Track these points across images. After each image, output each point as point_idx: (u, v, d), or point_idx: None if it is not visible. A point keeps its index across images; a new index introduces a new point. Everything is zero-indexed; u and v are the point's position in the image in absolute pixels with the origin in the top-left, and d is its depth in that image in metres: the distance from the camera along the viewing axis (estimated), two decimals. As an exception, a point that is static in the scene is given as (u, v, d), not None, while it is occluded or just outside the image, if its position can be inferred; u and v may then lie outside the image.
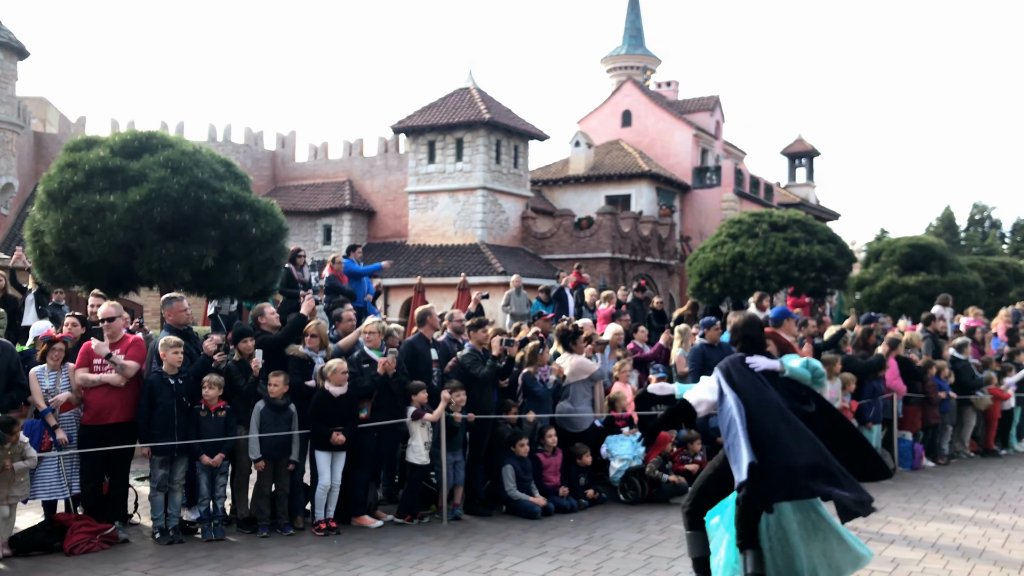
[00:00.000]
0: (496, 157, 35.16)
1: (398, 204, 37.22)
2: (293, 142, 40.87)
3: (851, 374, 12.73)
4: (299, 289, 13.85)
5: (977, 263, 29.04)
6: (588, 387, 11.14)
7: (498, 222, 35.42)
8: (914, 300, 22.87)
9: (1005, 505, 10.73)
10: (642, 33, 51.72)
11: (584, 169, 41.49)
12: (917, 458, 13.57)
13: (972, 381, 14.41)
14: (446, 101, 35.84)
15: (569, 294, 18.64)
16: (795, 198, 47.77)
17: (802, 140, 51.13)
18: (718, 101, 46.84)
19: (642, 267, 37.33)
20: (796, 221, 24.13)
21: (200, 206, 11.90)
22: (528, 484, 10.14)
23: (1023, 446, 15.62)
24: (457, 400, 9.78)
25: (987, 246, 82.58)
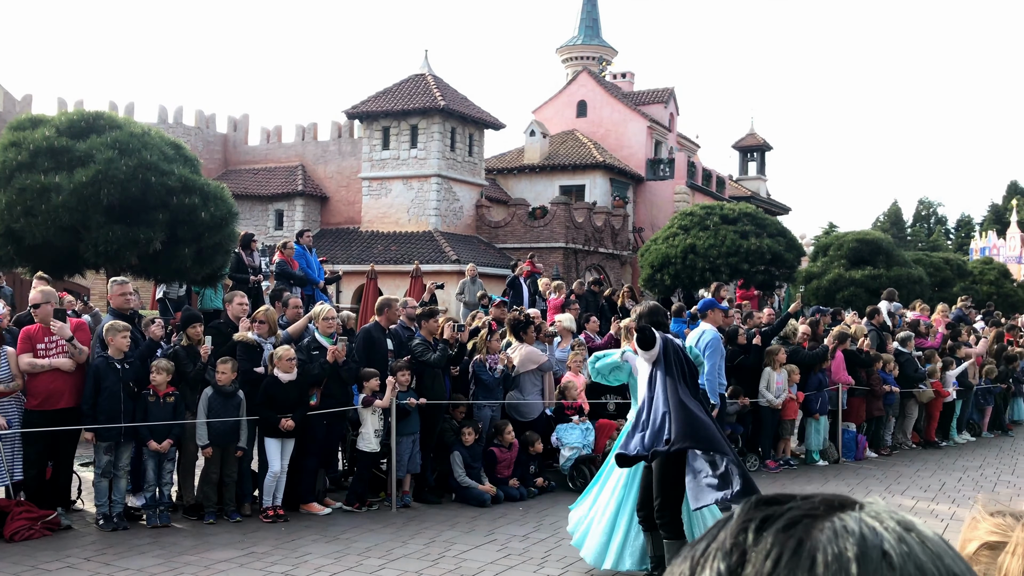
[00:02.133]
0: (451, 145, 35.02)
1: (351, 190, 36.93)
2: (245, 125, 40.35)
3: (795, 366, 12.93)
4: (249, 274, 13.71)
5: (922, 258, 29.56)
6: (538, 376, 11.19)
7: (452, 210, 35.31)
8: (860, 294, 23.23)
9: (944, 496, 10.97)
10: (598, 24, 51.76)
11: (539, 159, 41.50)
12: (860, 449, 13.82)
13: (915, 374, 14.68)
14: (401, 87, 35.59)
15: (523, 283, 18.66)
16: (747, 191, 48.24)
17: (754, 134, 51.60)
18: (672, 94, 47.09)
19: (595, 257, 37.46)
20: (747, 214, 24.38)
21: (148, 189, 11.73)
22: (477, 471, 10.16)
23: (963, 438, 15.97)
24: (402, 380, 9.75)
25: (932, 242, 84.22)
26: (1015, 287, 32.59)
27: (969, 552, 1.45)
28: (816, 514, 0.78)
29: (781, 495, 0.82)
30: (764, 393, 12.70)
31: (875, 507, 0.80)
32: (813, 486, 11.42)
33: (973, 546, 1.45)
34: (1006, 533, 1.43)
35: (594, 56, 50.26)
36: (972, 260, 39.56)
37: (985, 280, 31.23)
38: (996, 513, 1.48)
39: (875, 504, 0.81)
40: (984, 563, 1.43)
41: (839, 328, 14.40)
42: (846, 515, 0.78)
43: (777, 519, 0.78)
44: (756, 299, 22.68)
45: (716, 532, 0.80)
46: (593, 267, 37.25)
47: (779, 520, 0.78)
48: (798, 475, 12.36)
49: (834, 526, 0.76)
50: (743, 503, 0.82)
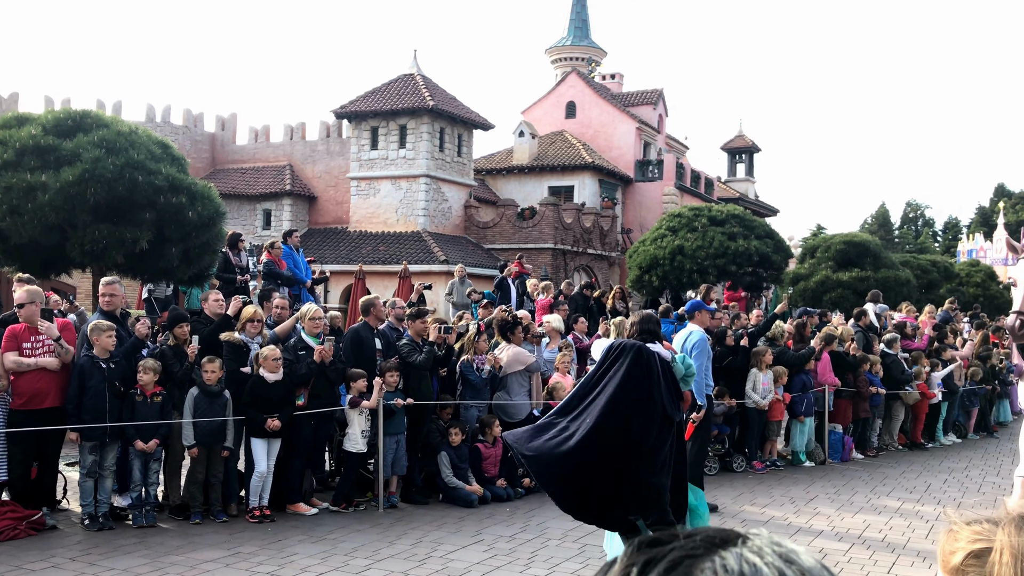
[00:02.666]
0: (440, 145, 34.99)
1: (340, 190, 36.87)
2: (234, 125, 40.23)
3: (782, 367, 12.97)
4: (236, 274, 13.68)
5: (909, 260, 29.68)
6: (525, 377, 11.20)
7: (441, 210, 35.28)
8: (847, 295, 23.31)
9: (930, 497, 11.01)
10: (588, 25, 51.80)
11: (528, 159, 41.50)
12: (847, 450, 13.87)
13: (901, 376, 14.74)
14: (390, 87, 35.53)
15: (511, 284, 18.66)
16: (735, 193, 48.35)
17: (743, 136, 51.73)
18: (661, 95, 47.16)
19: (584, 258, 37.49)
20: (735, 216, 24.44)
21: (135, 188, 11.68)
22: (464, 472, 10.15)
23: (949, 440, 16.04)
24: (391, 380, 9.75)
25: (920, 244, 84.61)
26: (1001, 289, 32.76)
27: (956, 563, 1.45)
28: (697, 554, 0.79)
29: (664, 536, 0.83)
30: (750, 394, 12.74)
31: (758, 541, 0.82)
32: (799, 487, 11.45)
33: (959, 557, 1.44)
34: (989, 539, 1.43)
35: (583, 57, 50.29)
36: (959, 262, 39.76)
37: (972, 282, 31.40)
38: (972, 521, 1.48)
39: (759, 537, 0.82)
40: (973, 572, 1.43)
41: (826, 330, 14.45)
42: (727, 552, 0.79)
43: (659, 562, 0.79)
44: (744, 301, 22.74)
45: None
46: (582, 268, 37.28)
47: (661, 563, 0.79)
48: (784, 476, 12.39)
49: (714, 565, 0.78)
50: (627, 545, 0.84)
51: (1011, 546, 1.39)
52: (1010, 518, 1.45)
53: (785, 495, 10.92)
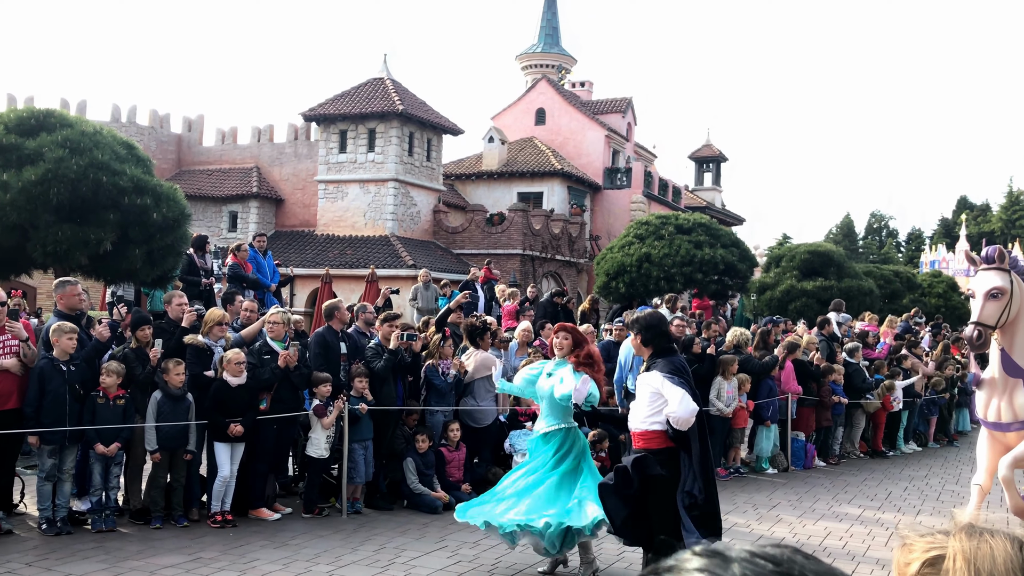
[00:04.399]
0: (409, 149, 34.93)
1: (307, 193, 36.67)
2: (200, 126, 39.91)
3: (746, 375, 13.06)
4: (201, 276, 13.57)
5: (873, 270, 29.94)
6: (491, 383, 11.20)
7: (409, 215, 35.21)
8: (812, 304, 23.50)
9: (890, 505, 11.14)
10: (558, 32, 51.96)
11: (497, 165, 41.54)
12: (809, 458, 13.99)
13: (862, 384, 14.89)
14: (359, 90, 35.42)
15: (480, 289, 18.67)
16: (702, 202, 48.67)
17: (710, 145, 52.09)
18: (630, 103, 47.39)
19: (552, 264, 37.56)
20: (701, 225, 24.61)
21: (99, 188, 11.57)
22: (430, 478, 10.13)
23: (910, 448, 16.23)
24: (358, 386, 9.73)
25: (884, 254, 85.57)
26: (962, 300, 33.17)
27: (912, 573, 1.49)
28: None
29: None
30: (715, 402, 12.80)
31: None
32: (762, 494, 11.53)
33: (915, 567, 1.50)
34: (943, 546, 1.47)
35: (553, 64, 50.44)
36: (922, 273, 40.22)
37: (934, 293, 31.76)
38: (925, 534, 1.53)
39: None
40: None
41: (789, 338, 14.58)
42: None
43: None
44: (709, 309, 22.90)
45: None
46: (550, 274, 37.35)
47: None
48: (747, 483, 12.47)
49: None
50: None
51: (963, 551, 1.44)
52: (960, 526, 1.50)
53: (748, 502, 10.99)
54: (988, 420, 7.23)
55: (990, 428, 7.25)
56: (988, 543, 1.45)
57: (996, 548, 1.43)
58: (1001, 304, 6.82)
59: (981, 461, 7.37)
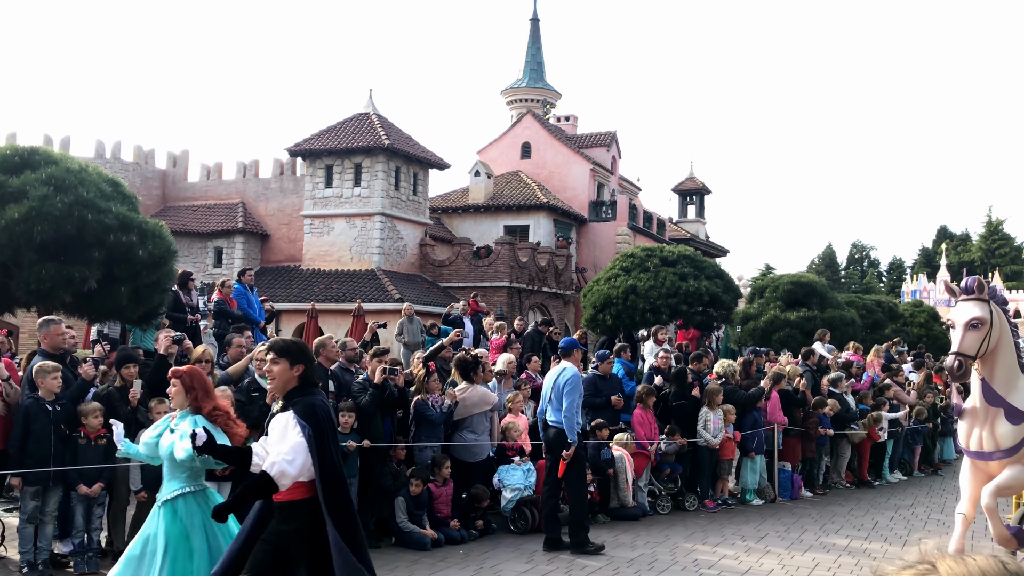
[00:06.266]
0: (395, 183, 35.05)
1: (293, 228, 36.70)
2: (185, 161, 39.95)
3: (731, 405, 13.10)
4: (187, 313, 13.55)
5: (855, 300, 30.10)
6: (487, 417, 11.21)
7: (395, 248, 35.26)
8: (795, 335, 23.60)
9: (877, 535, 11.15)
10: (543, 67, 52.41)
11: (483, 199, 41.71)
12: (796, 488, 14.00)
13: (847, 415, 14.94)
14: (345, 125, 35.59)
15: (468, 322, 18.67)
16: (686, 234, 48.92)
17: (693, 178, 52.46)
18: (615, 137, 47.76)
19: (539, 297, 37.63)
20: (686, 257, 24.71)
21: (84, 226, 11.55)
22: (420, 517, 10.08)
23: (895, 477, 16.27)
24: (346, 422, 9.71)
25: (865, 284, 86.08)
26: (944, 330, 33.34)
27: None
28: None
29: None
30: (702, 433, 12.84)
31: None
32: (750, 526, 11.53)
33: None
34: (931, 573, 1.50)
35: (538, 99, 50.84)
36: (903, 303, 40.44)
37: (916, 322, 31.92)
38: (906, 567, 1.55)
39: None
40: None
41: (774, 369, 14.64)
42: None
43: None
44: (695, 339, 22.96)
45: None
46: (537, 306, 37.40)
47: None
48: (735, 515, 12.46)
49: None
50: None
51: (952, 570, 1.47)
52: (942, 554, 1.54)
53: (736, 534, 10.98)
54: (971, 449, 7.26)
55: (973, 457, 7.28)
56: (975, 562, 1.49)
57: (982, 565, 1.47)
58: (981, 334, 6.88)
59: (964, 490, 7.40)
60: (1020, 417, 6.98)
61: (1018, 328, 7.66)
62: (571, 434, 9.78)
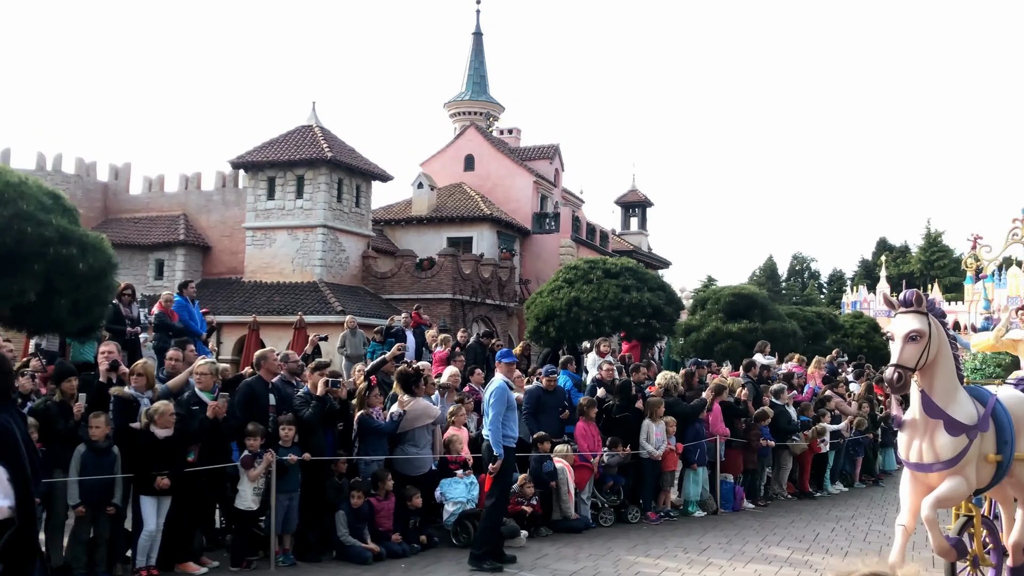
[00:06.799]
0: (338, 196, 34.90)
1: (235, 240, 36.33)
2: (127, 174, 39.38)
3: (672, 417, 13.22)
4: (127, 326, 13.36)
5: (796, 312, 30.58)
6: (430, 430, 11.19)
7: (338, 261, 35.08)
8: (737, 346, 23.91)
9: (818, 546, 11.30)
10: (486, 80, 52.63)
11: (426, 210, 41.69)
12: (738, 500, 14.16)
13: (788, 426, 15.16)
14: (288, 138, 35.40)
15: (410, 335, 18.63)
16: (629, 246, 49.36)
17: (636, 191, 53.01)
18: (558, 150, 48.08)
19: (482, 309, 37.67)
20: (628, 269, 24.95)
21: (24, 239, 11.30)
22: (361, 531, 10.04)
23: (836, 488, 16.51)
24: (286, 435, 9.65)
25: (806, 295, 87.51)
26: (884, 340, 33.96)
27: None
28: None
29: None
30: (644, 445, 12.95)
31: None
32: (692, 538, 11.64)
33: None
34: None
35: (482, 112, 51.04)
36: (844, 314, 41.18)
37: (856, 333, 32.49)
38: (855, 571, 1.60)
39: None
40: None
41: (716, 380, 14.82)
42: None
43: None
44: (638, 350, 23.15)
45: None
46: (480, 318, 37.42)
47: None
48: (678, 526, 12.58)
49: None
50: None
51: None
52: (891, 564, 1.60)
53: (678, 546, 11.09)
54: (910, 461, 7.31)
55: (913, 469, 7.33)
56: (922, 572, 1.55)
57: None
58: (920, 346, 6.97)
59: (905, 502, 7.43)
60: (959, 429, 7.04)
61: (956, 340, 7.74)
62: (496, 447, 9.79)
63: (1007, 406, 7.45)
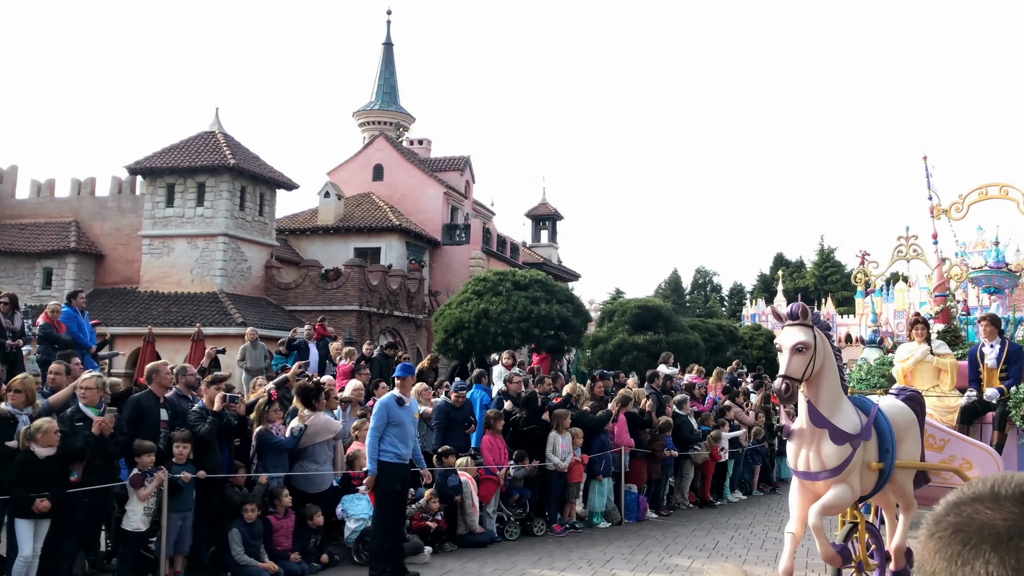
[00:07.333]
0: (240, 204, 34.12)
1: (131, 248, 35.13)
2: (13, 177, 37.76)
3: (579, 428, 13.19)
4: (7, 338, 12.71)
5: (698, 324, 31.14)
6: (331, 445, 10.90)
7: (239, 271, 34.26)
8: (642, 357, 24.18)
9: (718, 554, 11.40)
10: (396, 90, 52.30)
11: (333, 220, 41.07)
12: (642, 510, 14.21)
13: (690, 436, 15.29)
14: (189, 144, 34.45)
15: (313, 347, 18.23)
16: (539, 258, 49.54)
17: (546, 204, 53.27)
18: (468, 162, 48.00)
19: (390, 321, 37.24)
20: (537, 281, 24.99)
21: None
22: (257, 548, 9.68)
23: (736, 497, 16.74)
24: (181, 452, 9.26)
25: (709, 308, 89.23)
26: (781, 352, 34.72)
27: None
28: None
29: None
30: (551, 457, 12.86)
31: None
32: (597, 549, 11.59)
33: None
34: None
35: (391, 121, 50.67)
36: (744, 326, 42.07)
37: (755, 345, 33.23)
38: None
39: None
40: None
41: (622, 392, 14.86)
42: None
43: None
44: (547, 362, 23.16)
45: None
46: (388, 330, 36.98)
47: None
48: (583, 538, 12.52)
49: None
50: None
51: None
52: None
53: (583, 558, 11.02)
54: (798, 470, 7.51)
55: (800, 477, 7.52)
56: None
57: None
58: (806, 358, 7.17)
59: (793, 510, 7.62)
60: (844, 438, 7.25)
61: (842, 352, 7.98)
62: (370, 463, 9.62)
63: (888, 415, 7.76)
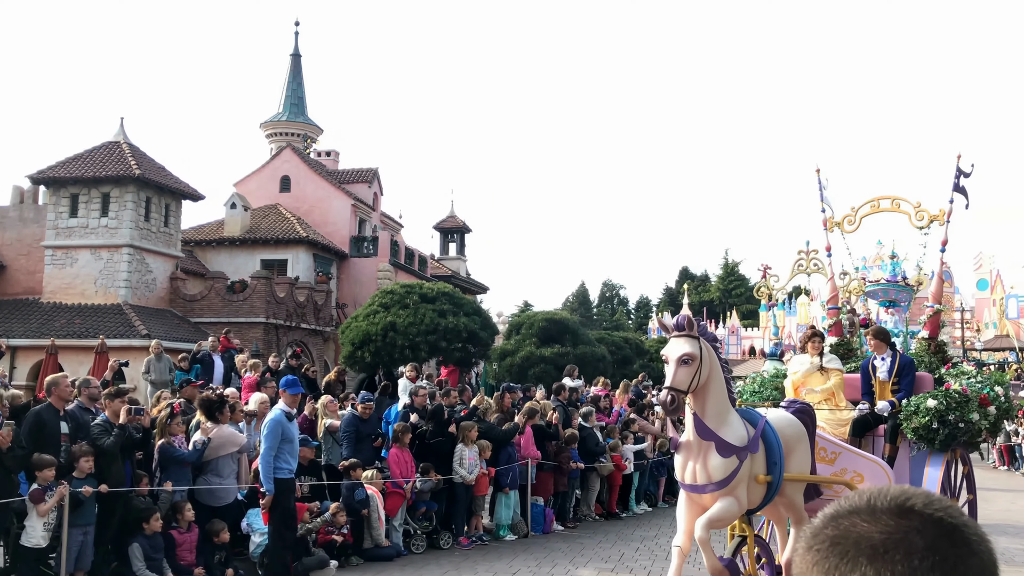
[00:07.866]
0: (145, 214, 33.49)
1: (32, 259, 34.14)
2: (-95, 184, 36.37)
3: (487, 441, 13.36)
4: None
5: (605, 337, 31.64)
6: (235, 459, 10.86)
7: (144, 282, 33.60)
8: (549, 370, 24.51)
9: (623, 566, 11.62)
10: (304, 102, 51.93)
11: (240, 232, 40.54)
12: (548, 522, 14.41)
13: (596, 448, 15.58)
14: (93, 154, 33.70)
15: (218, 360, 18.05)
16: (447, 271, 49.64)
17: (454, 216, 53.44)
18: (376, 174, 47.90)
19: (297, 333, 36.91)
20: (445, 294, 25.13)
21: None
22: (159, 563, 9.61)
23: (641, 508, 17.06)
24: (83, 467, 9.15)
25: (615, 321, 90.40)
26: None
27: None
28: None
29: None
30: (457, 469, 13.00)
31: None
32: (503, 562, 11.75)
33: None
34: None
35: (299, 133, 50.29)
36: (650, 339, 42.82)
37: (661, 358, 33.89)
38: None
39: None
40: None
41: (529, 404, 15.08)
42: None
43: None
44: (455, 375, 23.30)
45: None
46: (295, 343, 36.63)
47: None
48: (489, 551, 12.68)
49: None
50: None
51: None
52: None
53: (489, 570, 11.17)
54: (685, 482, 7.45)
55: (687, 490, 7.45)
56: None
57: None
58: (692, 370, 7.13)
59: (680, 523, 7.53)
60: (730, 451, 7.22)
61: (729, 364, 7.91)
62: (267, 483, 9.58)
63: (777, 428, 7.70)
